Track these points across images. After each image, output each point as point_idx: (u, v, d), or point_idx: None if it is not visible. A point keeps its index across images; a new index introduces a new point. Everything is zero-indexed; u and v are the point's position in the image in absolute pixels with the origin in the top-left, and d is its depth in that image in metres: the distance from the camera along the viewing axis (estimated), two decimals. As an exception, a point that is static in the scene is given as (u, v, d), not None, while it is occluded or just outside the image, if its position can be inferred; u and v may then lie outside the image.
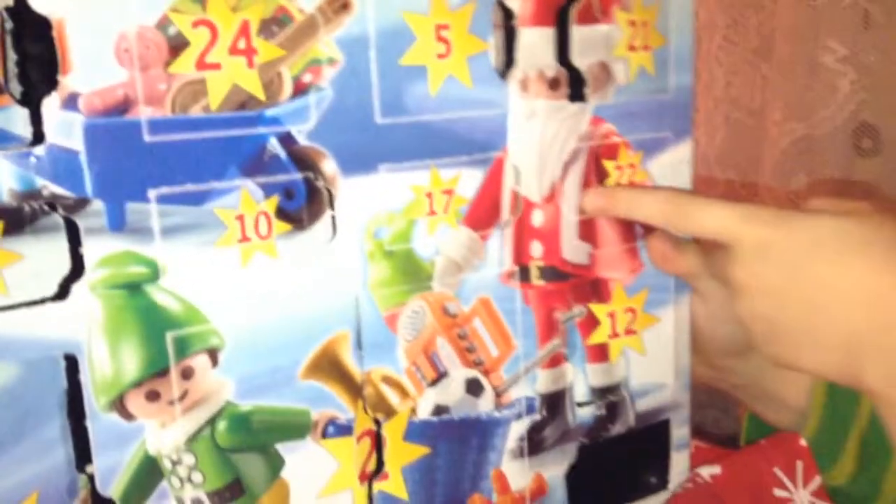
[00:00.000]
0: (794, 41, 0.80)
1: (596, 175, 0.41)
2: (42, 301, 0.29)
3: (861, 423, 0.45)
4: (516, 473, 0.41)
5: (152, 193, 0.30)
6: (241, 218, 0.32)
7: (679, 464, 0.47)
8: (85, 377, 0.30)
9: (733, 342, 0.45)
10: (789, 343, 0.36)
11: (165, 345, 0.31)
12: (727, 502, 0.45)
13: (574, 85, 0.39)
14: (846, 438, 0.45)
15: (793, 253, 0.35)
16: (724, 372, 0.48)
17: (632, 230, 0.43)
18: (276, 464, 0.34)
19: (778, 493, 0.46)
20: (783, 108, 0.82)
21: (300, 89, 0.32)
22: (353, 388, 0.36)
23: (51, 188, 0.28)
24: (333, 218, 0.34)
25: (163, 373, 0.31)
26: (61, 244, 0.29)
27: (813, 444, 0.45)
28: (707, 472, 0.46)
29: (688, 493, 0.46)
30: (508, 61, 0.37)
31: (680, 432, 0.46)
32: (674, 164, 0.44)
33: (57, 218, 0.29)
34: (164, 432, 0.31)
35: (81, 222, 0.29)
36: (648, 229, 0.43)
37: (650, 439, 0.45)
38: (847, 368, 0.35)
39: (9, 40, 0.27)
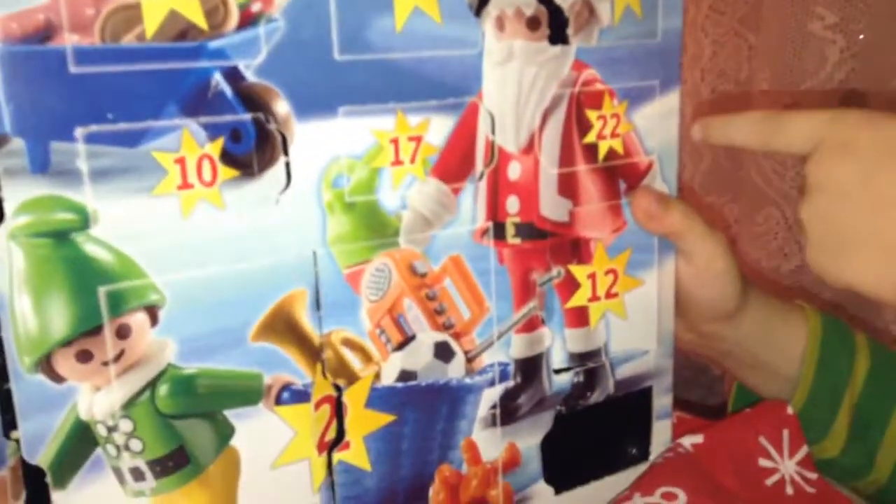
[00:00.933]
0: (782, 8, 0.78)
1: (578, 125, 0.38)
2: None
3: (853, 392, 0.43)
4: (488, 443, 0.38)
5: (79, 132, 0.27)
6: (181, 161, 0.29)
7: (661, 434, 0.44)
8: (7, 335, 0.27)
9: (721, 305, 0.43)
10: (846, 250, 0.35)
11: (97, 300, 0.28)
12: (710, 472, 0.43)
13: (555, 25, 0.36)
14: (838, 408, 0.43)
15: (873, 153, 0.34)
16: (712, 338, 0.45)
17: (615, 186, 0.40)
18: (224, 431, 0.31)
19: (763, 462, 0.44)
20: (770, 77, 0.80)
21: (248, 19, 0.29)
22: (311, 352, 0.33)
23: (-40, 123, 0.25)
24: (287, 164, 0.31)
25: (95, 331, 0.28)
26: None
27: (803, 415, 0.43)
28: (689, 441, 0.44)
29: (668, 463, 0.43)
30: (483, -3, 0.34)
31: (662, 401, 0.44)
32: (661, 114, 0.41)
33: (-28, 158, 0.26)
34: (97, 396, 0.29)
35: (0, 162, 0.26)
36: (631, 186, 0.40)
37: (631, 408, 0.43)
38: None
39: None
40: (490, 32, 0.35)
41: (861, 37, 0.73)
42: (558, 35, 0.36)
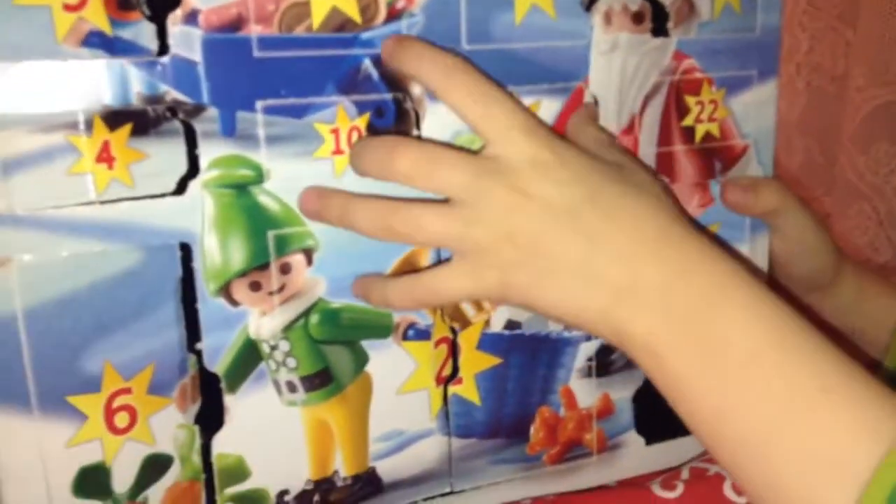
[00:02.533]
0: (881, 5, 0.78)
1: (676, 109, 0.43)
2: (163, 195, 0.33)
3: None
4: (584, 391, 0.43)
5: (259, 104, 0.33)
6: (335, 132, 0.35)
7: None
8: (197, 265, 0.34)
9: (817, 277, 0.46)
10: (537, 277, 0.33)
11: (267, 241, 0.35)
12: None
13: (657, 19, 0.41)
14: None
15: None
16: (810, 310, 0.48)
17: (710, 166, 0.44)
18: (361, 358, 0.38)
19: None
20: (867, 73, 0.80)
21: (394, 14, 0.35)
22: (433, 297, 0.39)
23: (173, 94, 0.32)
24: (419, 137, 0.37)
25: (264, 266, 0.35)
26: (180, 146, 0.33)
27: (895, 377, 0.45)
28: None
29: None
30: (593, -5, 0.39)
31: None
32: (758, 103, 0.44)
33: (177, 123, 0.33)
34: (263, 319, 0.35)
35: (198, 126, 0.33)
36: (726, 167, 0.44)
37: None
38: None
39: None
40: (598, 25, 0.40)
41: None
42: (660, 28, 0.41)
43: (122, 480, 0.34)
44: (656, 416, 0.45)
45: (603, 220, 0.33)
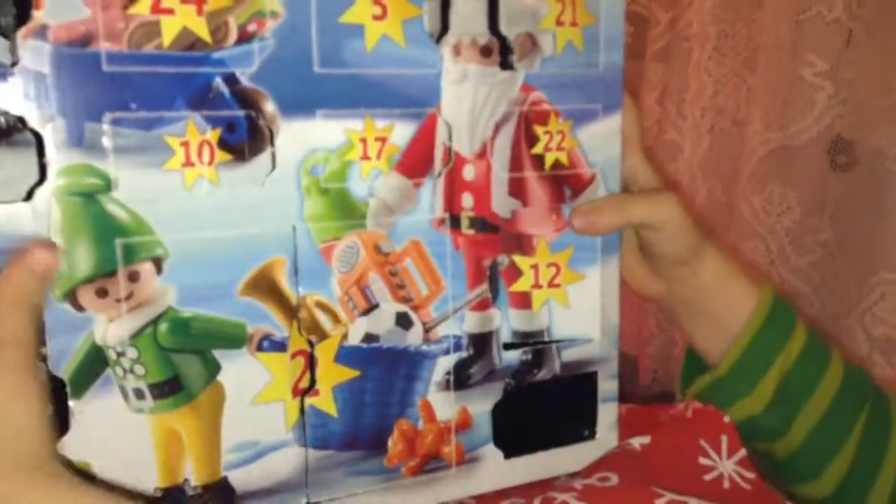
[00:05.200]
0: (777, 53, 0.83)
1: (526, 138, 0.46)
2: (11, 201, 0.34)
3: (785, 362, 0.48)
4: (443, 404, 0.45)
5: (107, 116, 0.35)
6: (185, 144, 0.37)
7: (607, 416, 0.50)
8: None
9: (679, 253, 0.49)
10: None
11: (115, 249, 0.36)
12: (654, 468, 0.48)
13: (504, 53, 0.44)
14: (767, 371, 0.48)
15: None
16: (674, 283, 0.51)
17: (561, 192, 0.47)
18: (212, 367, 0.38)
19: (703, 461, 0.49)
20: (763, 118, 0.85)
21: (245, 37, 0.37)
22: (289, 310, 0.40)
23: (22, 105, 0.33)
24: (273, 153, 0.39)
25: (111, 274, 0.36)
26: (31, 156, 0.34)
27: (735, 368, 0.49)
28: (637, 441, 0.49)
29: (617, 457, 0.49)
30: (443, 27, 0.42)
31: (607, 385, 0.50)
32: (605, 134, 0.48)
33: (27, 134, 0.34)
34: (111, 326, 0.36)
35: (47, 136, 0.34)
36: (576, 193, 0.47)
37: (577, 388, 0.49)
38: None
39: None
40: (448, 57, 0.43)
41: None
42: (507, 62, 0.44)
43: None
44: (514, 430, 0.47)
45: None
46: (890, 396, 0.52)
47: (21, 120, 0.34)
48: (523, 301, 0.46)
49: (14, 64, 0.33)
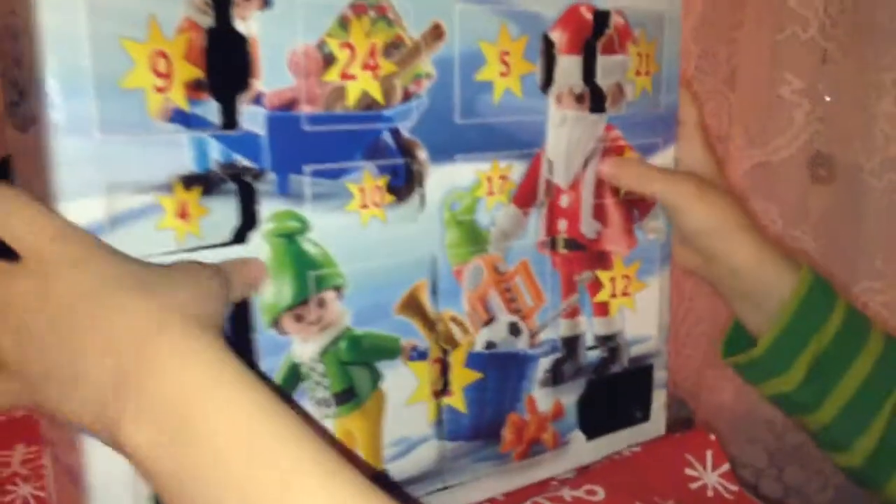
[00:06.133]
0: (756, 72, 0.90)
1: (606, 170, 0.53)
2: (225, 245, 0.39)
3: (821, 342, 0.52)
4: (542, 399, 0.53)
5: (307, 168, 0.41)
6: (362, 190, 0.43)
7: (658, 400, 0.59)
8: (253, 300, 0.40)
9: (701, 235, 0.54)
10: (54, 390, 0.33)
11: (308, 281, 0.42)
12: (639, 474, 0.54)
13: (595, 100, 0.52)
14: (802, 351, 0.52)
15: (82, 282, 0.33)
16: (709, 261, 0.55)
17: (631, 215, 0.55)
18: (376, 377, 0.45)
19: (689, 471, 0.55)
20: (744, 134, 0.91)
21: (407, 96, 0.44)
22: (430, 324, 0.47)
23: (242, 162, 0.39)
24: (422, 194, 0.45)
25: (305, 301, 0.42)
26: (234, 204, 0.40)
27: (771, 348, 0.52)
28: (628, 450, 0.57)
29: (605, 469, 0.55)
30: (548, 80, 0.49)
31: (659, 374, 0.59)
32: (664, 163, 0.56)
33: (232, 184, 0.39)
34: (305, 346, 0.42)
35: (259, 187, 0.40)
36: (643, 213, 0.56)
37: (638, 380, 0.58)
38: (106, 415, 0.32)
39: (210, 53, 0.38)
40: (552, 104, 0.50)
41: (827, 98, 0.83)
42: (598, 107, 0.52)
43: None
44: (593, 417, 0.55)
45: (94, 319, 0.32)
46: None
47: (238, 174, 0.39)
48: (603, 310, 0.55)
49: (232, 126, 0.39)
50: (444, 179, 0.46)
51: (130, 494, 0.38)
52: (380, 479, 0.46)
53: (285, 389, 0.42)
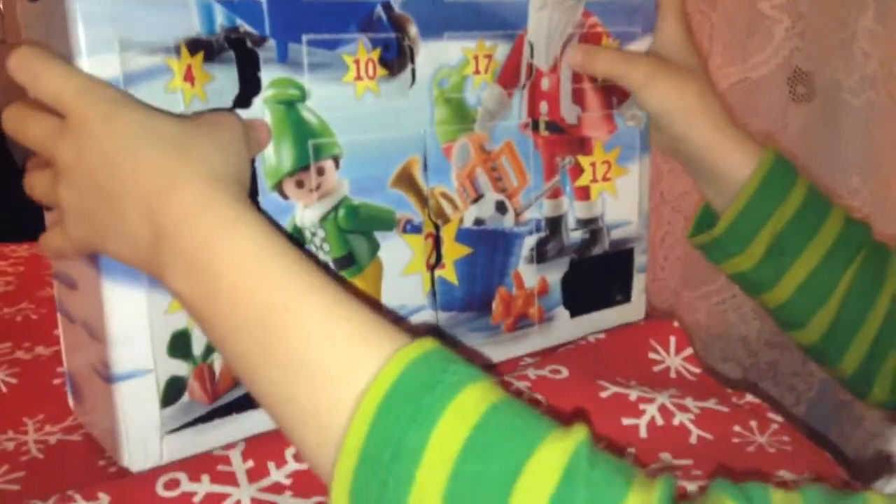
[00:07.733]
0: None
1: (585, 56, 0.56)
2: (231, 108, 0.41)
3: (779, 220, 0.53)
4: (528, 275, 0.55)
5: (305, 38, 0.42)
6: (357, 62, 0.45)
7: (639, 284, 0.62)
8: (258, 164, 0.42)
9: (660, 114, 0.56)
10: (109, 245, 0.37)
11: (308, 148, 0.44)
12: (603, 358, 0.56)
13: (574, -16, 0.53)
14: (761, 230, 0.54)
15: (110, 140, 0.36)
16: (674, 141, 0.56)
17: (610, 100, 0.58)
18: (374, 246, 0.47)
19: (652, 355, 0.57)
20: (723, 52, 0.91)
21: (397, -29, 0.45)
22: (422, 199, 0.49)
23: (244, 27, 0.41)
24: (413, 70, 0.47)
25: (306, 168, 0.44)
26: (234, 71, 0.41)
27: (731, 227, 0.54)
28: (593, 337, 0.59)
29: (571, 352, 0.57)
30: (529, -36, 0.51)
31: (640, 259, 0.62)
32: (643, 52, 0.58)
33: (232, 53, 0.41)
34: (306, 211, 0.44)
35: (260, 53, 0.41)
36: (621, 99, 0.58)
37: (619, 262, 0.61)
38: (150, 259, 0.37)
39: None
40: (533, -12, 0.52)
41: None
42: (576, -9, 0.54)
43: (199, 343, 0.42)
44: (577, 295, 0.58)
45: (132, 174, 0.35)
46: (892, 252, 0.55)
47: (240, 39, 0.41)
48: (584, 194, 0.57)
49: (230, -7, 0.40)
50: (433, 56, 0.48)
51: (147, 342, 0.40)
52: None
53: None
